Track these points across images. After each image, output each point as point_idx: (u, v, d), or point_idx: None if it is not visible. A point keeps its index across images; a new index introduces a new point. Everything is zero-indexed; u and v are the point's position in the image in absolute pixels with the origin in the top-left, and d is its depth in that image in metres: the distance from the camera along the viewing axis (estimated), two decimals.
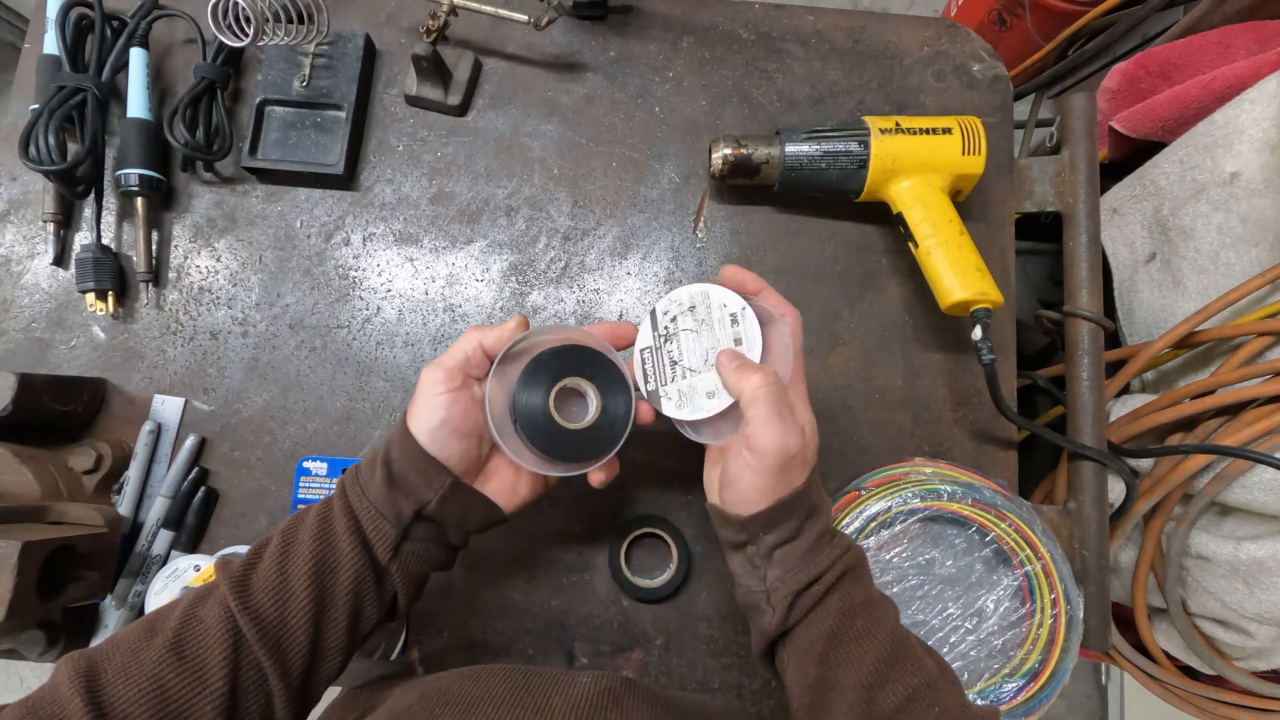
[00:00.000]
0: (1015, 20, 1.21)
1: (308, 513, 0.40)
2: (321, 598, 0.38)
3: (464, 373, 0.41)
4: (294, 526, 0.40)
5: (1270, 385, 0.55)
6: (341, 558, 0.38)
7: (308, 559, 0.38)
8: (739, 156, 0.55)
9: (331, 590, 0.38)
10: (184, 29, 0.60)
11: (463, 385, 0.41)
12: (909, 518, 0.50)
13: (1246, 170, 0.60)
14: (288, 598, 0.37)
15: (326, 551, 0.38)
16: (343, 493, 0.40)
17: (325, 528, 0.39)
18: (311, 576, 0.38)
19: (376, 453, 0.41)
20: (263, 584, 0.37)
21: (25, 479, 0.48)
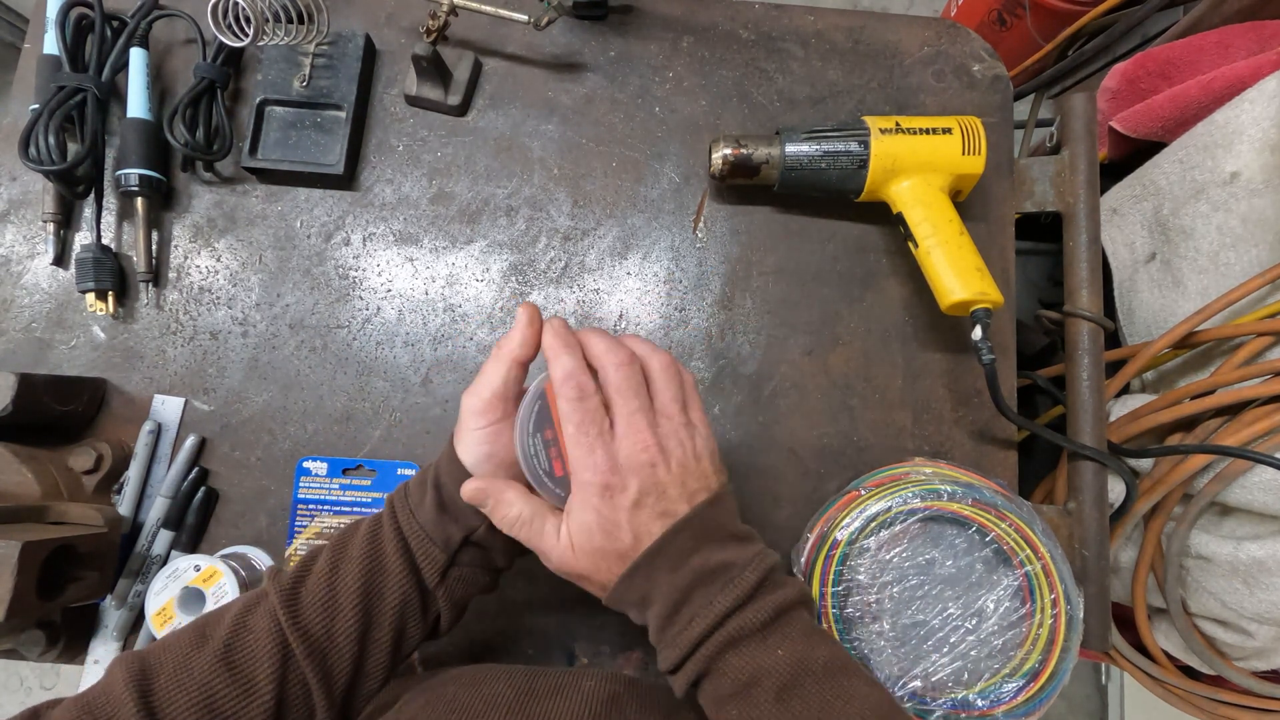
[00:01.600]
0: (1015, 20, 1.21)
1: (358, 527, 0.40)
2: (368, 617, 0.38)
3: (504, 401, 0.39)
4: (344, 541, 0.40)
5: (1270, 385, 0.55)
6: (389, 579, 0.39)
7: (357, 577, 0.38)
8: (739, 156, 0.55)
9: (378, 610, 0.39)
10: (184, 29, 0.60)
11: (503, 415, 0.39)
12: (909, 518, 0.50)
13: (1246, 170, 0.60)
14: (335, 614, 0.37)
15: (375, 571, 0.39)
16: (392, 512, 0.40)
17: (375, 547, 0.39)
18: (360, 595, 0.38)
19: (426, 473, 0.41)
20: (312, 599, 0.37)
21: (25, 479, 0.48)
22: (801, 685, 0.35)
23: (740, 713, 0.35)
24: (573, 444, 0.36)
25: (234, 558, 0.52)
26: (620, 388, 0.36)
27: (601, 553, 0.36)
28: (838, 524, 0.51)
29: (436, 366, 0.57)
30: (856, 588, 0.50)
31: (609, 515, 0.36)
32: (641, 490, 0.36)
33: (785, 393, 0.57)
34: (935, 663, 0.49)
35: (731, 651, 0.35)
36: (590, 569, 0.37)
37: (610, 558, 0.36)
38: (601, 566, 0.37)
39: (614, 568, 0.37)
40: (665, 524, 0.36)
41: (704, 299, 0.59)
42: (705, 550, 0.37)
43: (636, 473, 0.36)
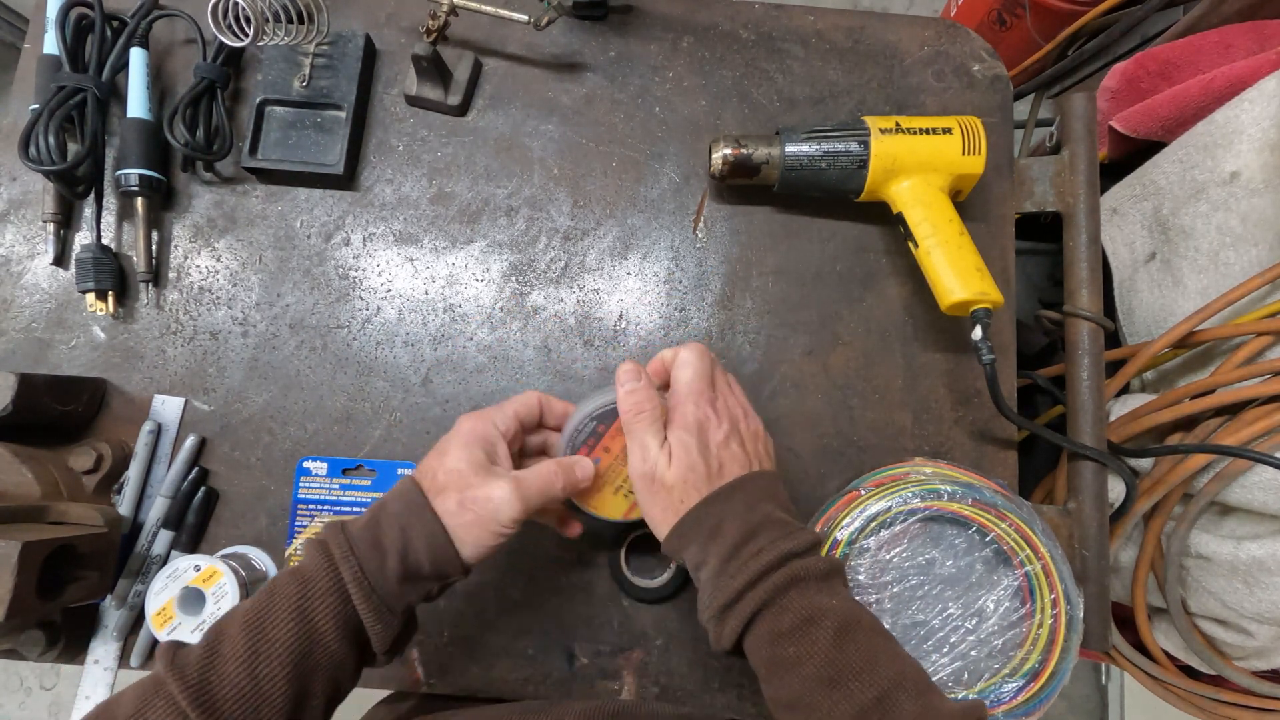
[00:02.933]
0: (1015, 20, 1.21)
1: (278, 598, 0.36)
2: (300, 694, 0.35)
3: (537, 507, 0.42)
4: (262, 619, 0.35)
5: (1270, 385, 0.55)
6: (325, 656, 0.36)
7: (285, 660, 0.34)
8: (739, 156, 0.55)
9: (311, 686, 0.36)
10: (184, 29, 0.60)
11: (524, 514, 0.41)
12: (909, 518, 0.50)
13: (1246, 170, 0.60)
14: (260, 705, 0.34)
15: (311, 648, 0.35)
16: (337, 583, 0.36)
17: (308, 625, 0.35)
18: (290, 680, 0.34)
19: (382, 537, 0.38)
20: (230, 691, 0.33)
21: (25, 479, 0.48)
22: (854, 632, 0.37)
23: (798, 650, 0.37)
24: (687, 390, 0.42)
25: (234, 558, 0.52)
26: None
27: (691, 469, 0.40)
28: (838, 524, 0.51)
29: (436, 366, 0.57)
30: (856, 588, 0.50)
31: (704, 440, 0.41)
32: (730, 430, 0.42)
33: (785, 393, 0.57)
34: (935, 663, 0.49)
35: (795, 589, 0.38)
36: (677, 482, 0.40)
37: (695, 479, 0.40)
38: (688, 482, 0.40)
39: (692, 493, 0.40)
40: (743, 469, 0.41)
41: (704, 299, 0.59)
42: (771, 504, 0.41)
43: (728, 416, 0.42)
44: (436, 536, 0.38)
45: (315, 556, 0.37)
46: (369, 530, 0.38)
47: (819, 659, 0.36)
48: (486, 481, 0.39)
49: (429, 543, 0.38)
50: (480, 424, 0.42)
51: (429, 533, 0.38)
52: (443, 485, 0.39)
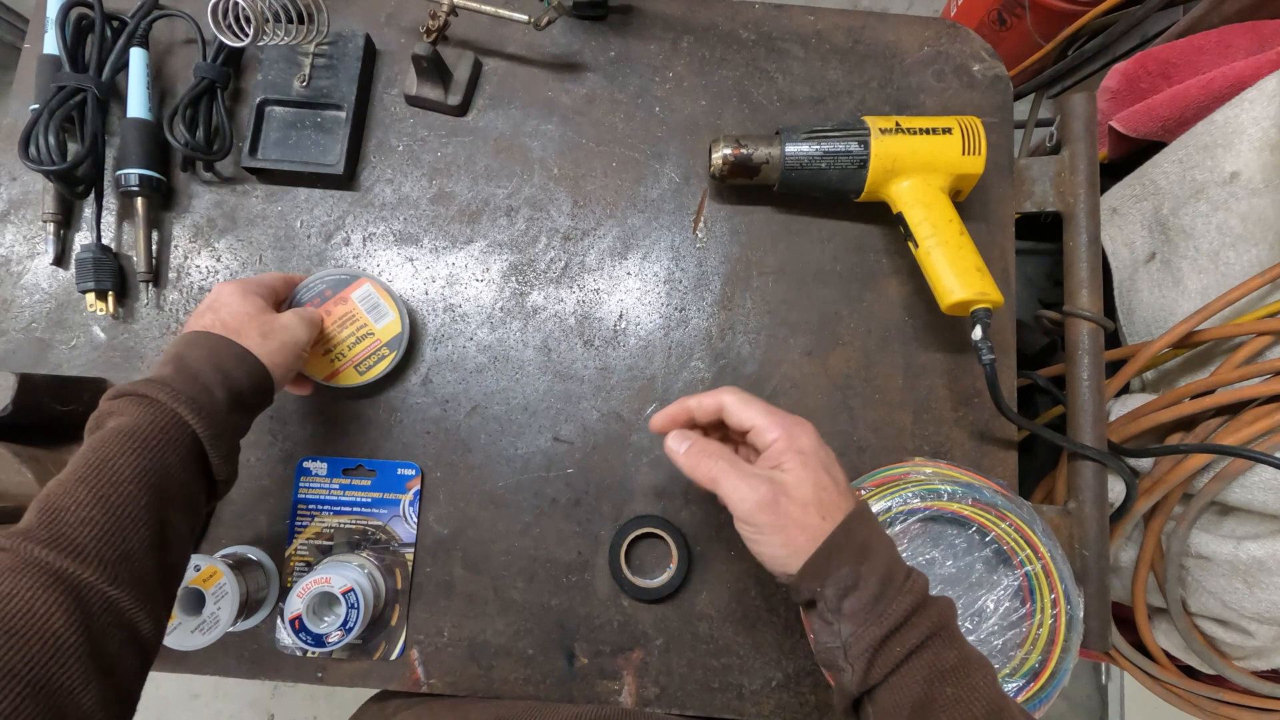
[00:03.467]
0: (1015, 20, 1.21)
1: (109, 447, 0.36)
2: (161, 522, 0.36)
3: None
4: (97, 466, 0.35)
5: (1270, 385, 0.55)
6: (179, 485, 0.37)
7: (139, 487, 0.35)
8: (739, 156, 0.55)
9: (168, 515, 0.36)
10: (184, 29, 0.60)
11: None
12: (909, 518, 0.50)
13: (1246, 170, 0.60)
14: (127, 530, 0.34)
15: (162, 481, 0.36)
16: (175, 419, 0.38)
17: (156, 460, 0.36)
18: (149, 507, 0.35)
19: (203, 377, 0.40)
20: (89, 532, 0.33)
21: (25, 479, 0.48)
22: (993, 674, 0.37)
23: (957, 691, 0.35)
24: (774, 417, 0.40)
25: (234, 558, 0.52)
26: None
27: (821, 486, 0.38)
28: None
29: (436, 366, 0.57)
30: None
31: (823, 456, 0.40)
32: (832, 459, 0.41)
33: (785, 393, 0.57)
34: None
35: (951, 624, 0.37)
36: (813, 499, 0.38)
37: (831, 495, 0.38)
38: (826, 500, 0.38)
39: (833, 509, 0.38)
40: (851, 489, 0.41)
41: (704, 299, 0.59)
42: (883, 534, 0.40)
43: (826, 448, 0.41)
44: (252, 364, 0.42)
45: (136, 409, 0.37)
46: (183, 375, 0.40)
47: (979, 707, 0.34)
48: (273, 317, 0.46)
49: (247, 371, 0.42)
50: (249, 284, 0.47)
51: (246, 363, 0.42)
52: (238, 327, 0.43)
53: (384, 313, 0.54)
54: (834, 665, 0.38)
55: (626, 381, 0.57)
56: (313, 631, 0.49)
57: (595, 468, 0.56)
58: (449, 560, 0.55)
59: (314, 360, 0.53)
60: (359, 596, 0.49)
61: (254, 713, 1.34)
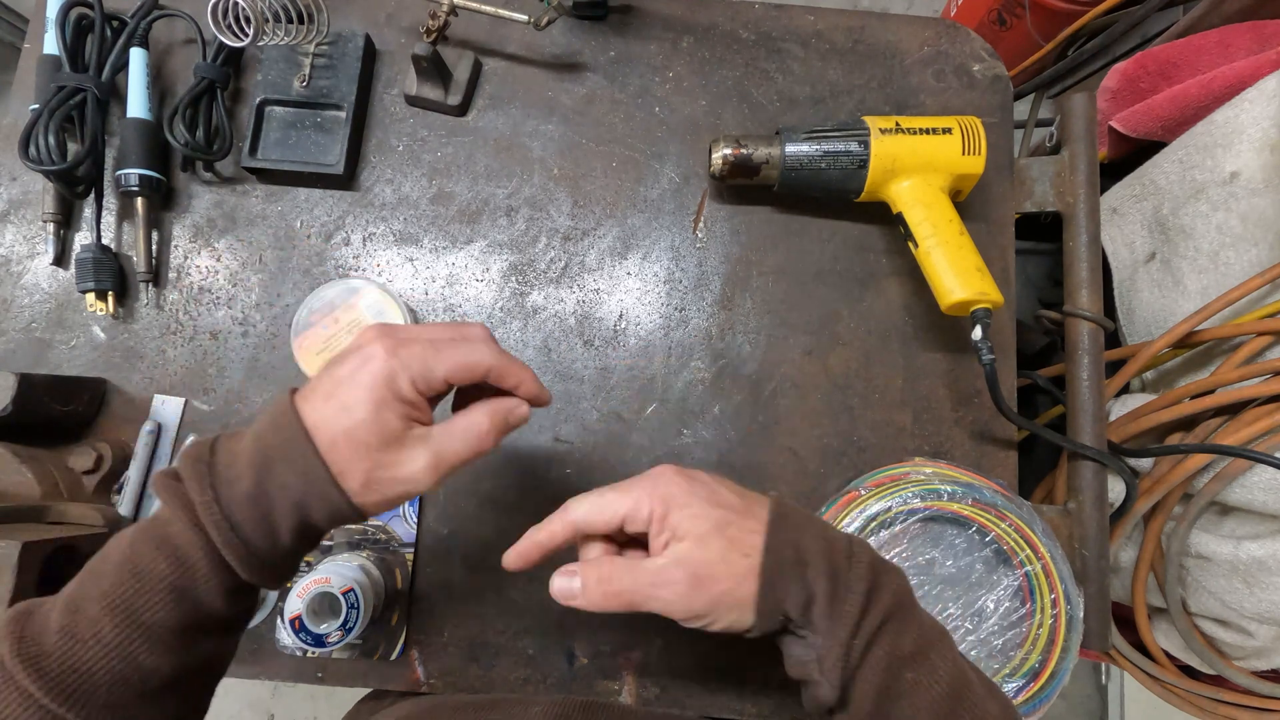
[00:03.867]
0: (1015, 20, 1.21)
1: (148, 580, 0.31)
2: (186, 660, 0.32)
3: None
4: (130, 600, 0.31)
5: (1270, 385, 0.55)
6: (217, 621, 0.33)
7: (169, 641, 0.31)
8: (739, 156, 0.55)
9: (199, 648, 0.33)
10: (184, 29, 0.60)
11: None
12: (909, 518, 0.50)
13: (1246, 170, 0.60)
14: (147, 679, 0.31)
15: (198, 620, 0.32)
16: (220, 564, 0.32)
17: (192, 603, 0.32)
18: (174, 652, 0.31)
19: (276, 514, 0.32)
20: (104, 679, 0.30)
21: (25, 479, 0.48)
22: (954, 649, 0.35)
23: (916, 675, 0.33)
24: (617, 493, 0.37)
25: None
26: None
27: (721, 525, 0.35)
28: (838, 524, 0.51)
29: None
30: None
31: (703, 494, 0.36)
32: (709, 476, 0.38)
33: (785, 393, 0.57)
34: None
35: (908, 604, 0.35)
36: (720, 543, 0.35)
37: (736, 526, 0.35)
38: (732, 537, 0.35)
39: (748, 536, 0.35)
40: (747, 492, 0.37)
41: (704, 299, 0.59)
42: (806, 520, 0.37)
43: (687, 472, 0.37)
44: (342, 513, 0.33)
45: (185, 526, 0.32)
46: (255, 506, 0.32)
47: (939, 686, 0.33)
48: (398, 457, 0.33)
49: (333, 517, 0.33)
50: (397, 376, 0.33)
51: (333, 510, 0.33)
52: (347, 458, 0.33)
53: (389, 318, 0.54)
54: (808, 679, 0.35)
55: (626, 381, 0.57)
56: (313, 631, 0.49)
57: (595, 468, 0.56)
58: (449, 560, 0.55)
59: (319, 367, 0.53)
60: (359, 596, 0.49)
61: (254, 713, 1.34)
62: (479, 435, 0.35)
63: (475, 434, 0.35)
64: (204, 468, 0.33)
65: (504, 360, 0.37)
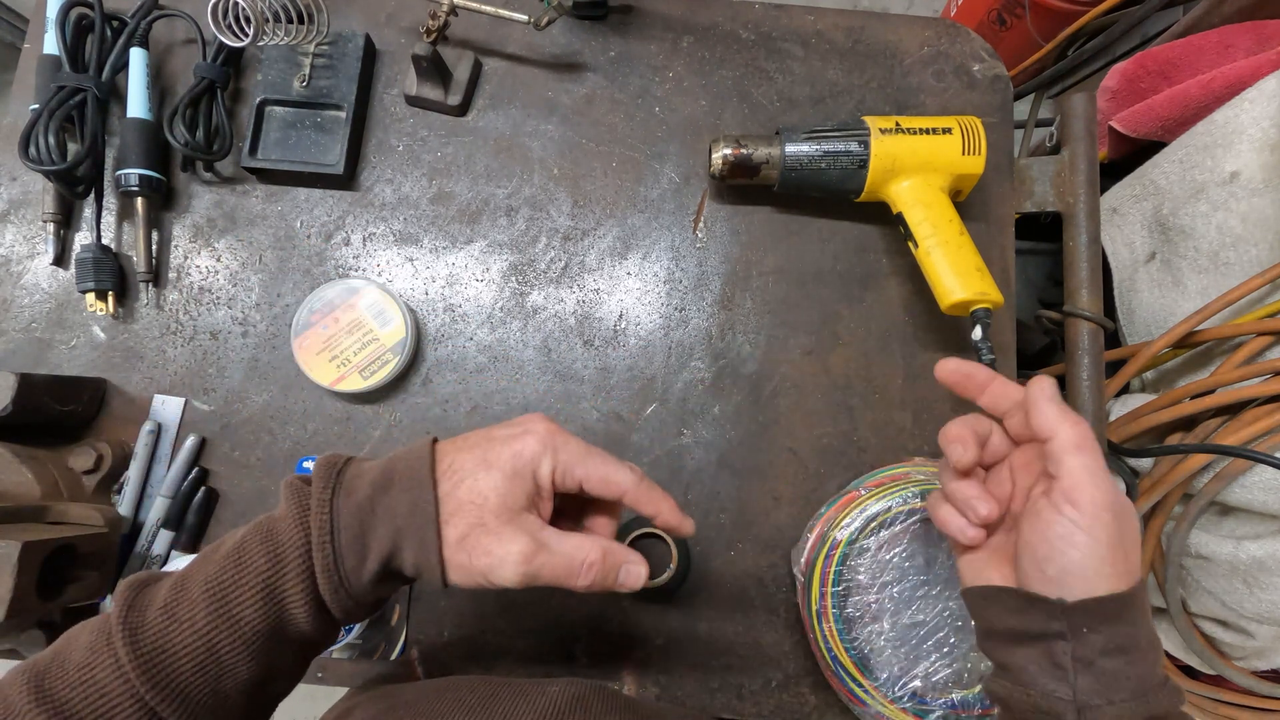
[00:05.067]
0: (1015, 20, 1.21)
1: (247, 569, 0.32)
2: (266, 667, 0.33)
3: None
4: (226, 588, 0.32)
5: (1270, 385, 0.55)
6: (298, 632, 0.33)
7: (250, 637, 0.32)
8: (739, 156, 0.55)
9: (278, 660, 0.33)
10: (184, 29, 0.60)
11: None
12: (909, 518, 0.50)
13: (1246, 170, 0.60)
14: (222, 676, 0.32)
15: (280, 626, 0.32)
16: (308, 568, 0.32)
17: (277, 605, 0.32)
18: (254, 655, 0.32)
19: (371, 537, 0.33)
20: (187, 664, 0.31)
21: (25, 479, 0.48)
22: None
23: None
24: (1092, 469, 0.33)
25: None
26: None
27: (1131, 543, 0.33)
28: (838, 524, 0.51)
29: (436, 366, 0.57)
30: (856, 588, 0.50)
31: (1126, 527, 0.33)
32: None
33: (785, 393, 0.57)
34: (935, 663, 0.49)
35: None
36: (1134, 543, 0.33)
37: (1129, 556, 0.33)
38: (1133, 554, 0.33)
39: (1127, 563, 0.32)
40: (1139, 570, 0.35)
41: (704, 299, 0.59)
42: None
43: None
44: (429, 560, 0.33)
45: (293, 524, 0.33)
46: (358, 520, 0.33)
47: None
48: (503, 531, 0.33)
49: (418, 561, 0.33)
50: (543, 458, 0.34)
51: (423, 554, 0.33)
52: (459, 505, 0.33)
53: (389, 318, 0.54)
54: (1050, 714, 0.32)
55: (626, 381, 0.57)
56: None
57: None
58: None
59: (319, 367, 0.54)
60: None
61: None
62: (582, 562, 0.34)
63: (579, 558, 0.34)
64: (333, 474, 0.34)
65: (644, 488, 0.36)
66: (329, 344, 0.53)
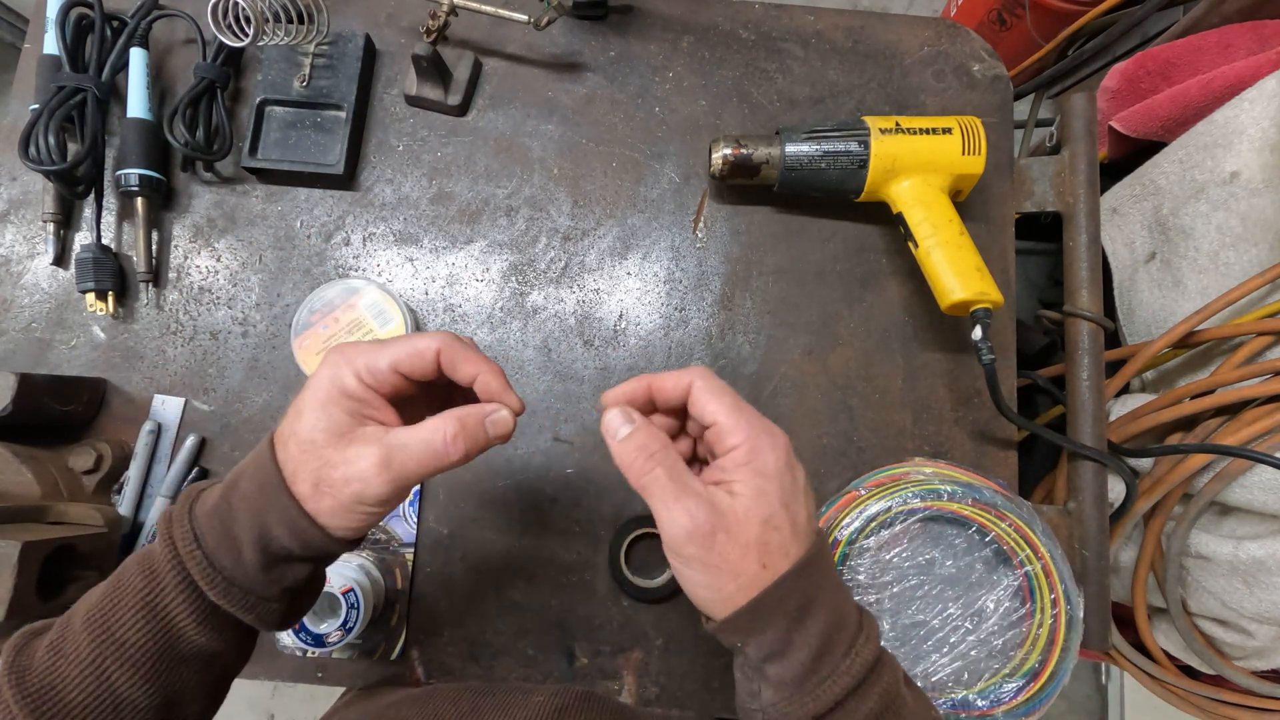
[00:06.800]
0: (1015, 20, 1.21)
1: (124, 591, 0.31)
2: (169, 689, 0.32)
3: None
4: (107, 614, 0.31)
5: (1270, 385, 0.55)
6: (194, 647, 0.32)
7: (140, 660, 0.31)
8: (739, 156, 0.55)
9: (181, 679, 0.32)
10: (184, 29, 0.60)
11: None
12: (909, 518, 0.50)
13: (1246, 170, 0.60)
14: (120, 707, 0.31)
15: (171, 644, 0.32)
16: (185, 579, 0.31)
17: (162, 622, 0.31)
18: (149, 679, 0.31)
19: (236, 526, 0.32)
20: (78, 698, 0.30)
21: (25, 479, 0.48)
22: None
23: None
24: (743, 419, 0.33)
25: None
26: None
27: (772, 524, 0.31)
28: (838, 524, 0.51)
29: None
30: (856, 588, 0.50)
31: (784, 485, 0.32)
32: (804, 477, 0.34)
33: (785, 393, 0.57)
34: (935, 663, 0.49)
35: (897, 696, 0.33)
36: (755, 541, 0.31)
37: (779, 539, 0.31)
38: (771, 543, 0.31)
39: (778, 557, 0.31)
40: (814, 523, 0.34)
41: (704, 299, 0.59)
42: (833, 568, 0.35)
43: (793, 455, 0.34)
44: (297, 524, 0.31)
45: (162, 544, 0.32)
46: (217, 518, 0.32)
47: None
48: (345, 454, 0.31)
49: (290, 529, 0.31)
50: (341, 371, 0.32)
51: (288, 520, 0.31)
52: (297, 462, 0.32)
53: (389, 318, 0.54)
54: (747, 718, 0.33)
55: None
56: (312, 631, 0.49)
57: (595, 468, 0.56)
58: (449, 560, 0.55)
59: (313, 362, 0.54)
60: (359, 596, 0.49)
61: (254, 713, 1.34)
62: (442, 440, 0.32)
63: (437, 438, 0.32)
64: (193, 492, 0.33)
65: (457, 346, 0.34)
66: (329, 344, 0.53)
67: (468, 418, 0.33)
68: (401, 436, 0.32)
